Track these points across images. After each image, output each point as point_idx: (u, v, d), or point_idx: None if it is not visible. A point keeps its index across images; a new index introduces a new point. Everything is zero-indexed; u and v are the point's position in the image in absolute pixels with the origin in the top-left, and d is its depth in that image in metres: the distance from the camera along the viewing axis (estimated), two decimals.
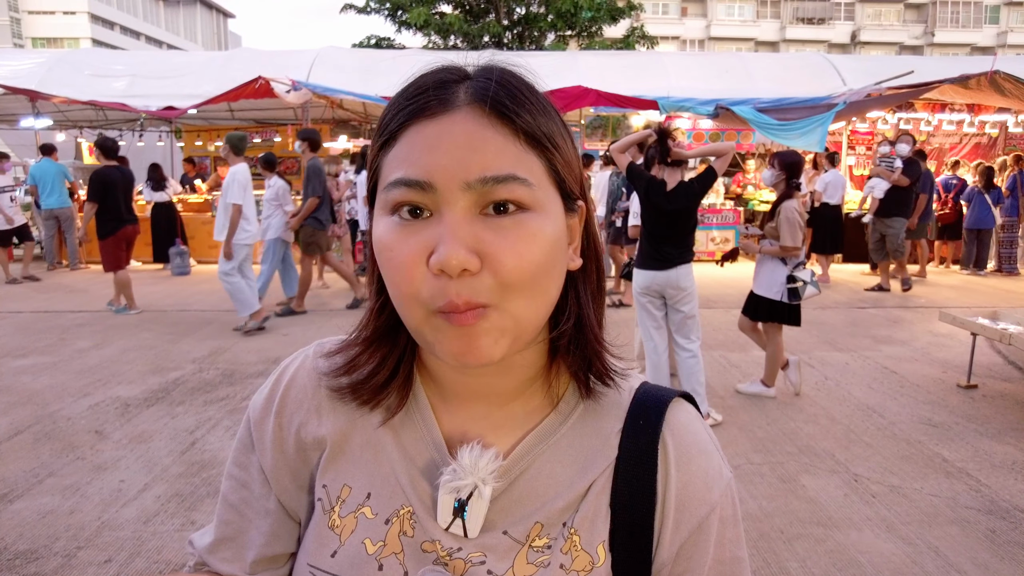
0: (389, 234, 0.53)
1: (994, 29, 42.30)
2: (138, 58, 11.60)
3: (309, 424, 0.65)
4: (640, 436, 0.61)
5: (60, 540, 2.75)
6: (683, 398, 0.65)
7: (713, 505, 0.61)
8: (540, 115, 0.55)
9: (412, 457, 0.62)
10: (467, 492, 0.59)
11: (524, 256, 0.52)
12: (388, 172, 0.54)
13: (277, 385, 0.67)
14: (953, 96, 9.43)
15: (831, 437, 3.79)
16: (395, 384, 0.63)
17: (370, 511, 0.62)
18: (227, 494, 0.68)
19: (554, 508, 0.60)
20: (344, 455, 0.64)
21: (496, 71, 0.56)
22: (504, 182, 0.51)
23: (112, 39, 48.07)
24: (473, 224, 0.51)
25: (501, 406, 0.62)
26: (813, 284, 4.15)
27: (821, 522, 2.88)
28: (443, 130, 0.52)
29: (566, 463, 0.61)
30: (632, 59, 12.69)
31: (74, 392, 4.50)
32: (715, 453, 0.63)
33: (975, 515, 2.94)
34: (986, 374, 4.91)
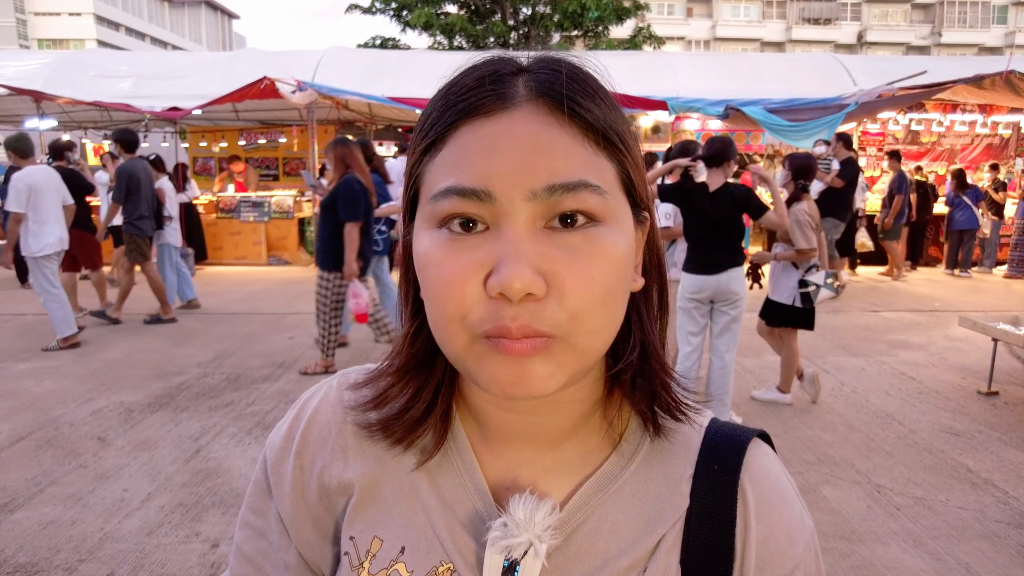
0: (437, 249, 0.46)
1: (1002, 29, 42.04)
2: (143, 59, 11.56)
3: (334, 466, 0.57)
4: (715, 483, 0.53)
5: (61, 552, 2.68)
6: (760, 438, 0.57)
7: (798, 561, 0.53)
8: (611, 111, 0.47)
9: (452, 506, 0.54)
10: (521, 551, 0.50)
11: (596, 279, 0.44)
12: (435, 180, 0.46)
13: (297, 421, 0.59)
14: (966, 96, 9.31)
15: (850, 445, 3.70)
16: (431, 420, 0.55)
17: (404, 568, 0.54)
18: (241, 544, 0.60)
19: (618, 567, 0.52)
20: (374, 503, 0.56)
21: (561, 62, 0.47)
22: (574, 190, 0.44)
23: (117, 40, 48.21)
24: (539, 240, 0.44)
25: (552, 448, 0.54)
26: (828, 287, 4.03)
27: (845, 536, 2.79)
28: (502, 130, 0.44)
29: (631, 514, 0.53)
30: (640, 59, 12.60)
31: (77, 397, 4.43)
32: (797, 501, 0.56)
33: (1005, 529, 2.84)
34: (1007, 380, 4.81)
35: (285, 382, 4.74)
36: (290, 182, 12.03)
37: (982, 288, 8.61)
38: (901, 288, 8.55)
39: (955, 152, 11.88)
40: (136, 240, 6.19)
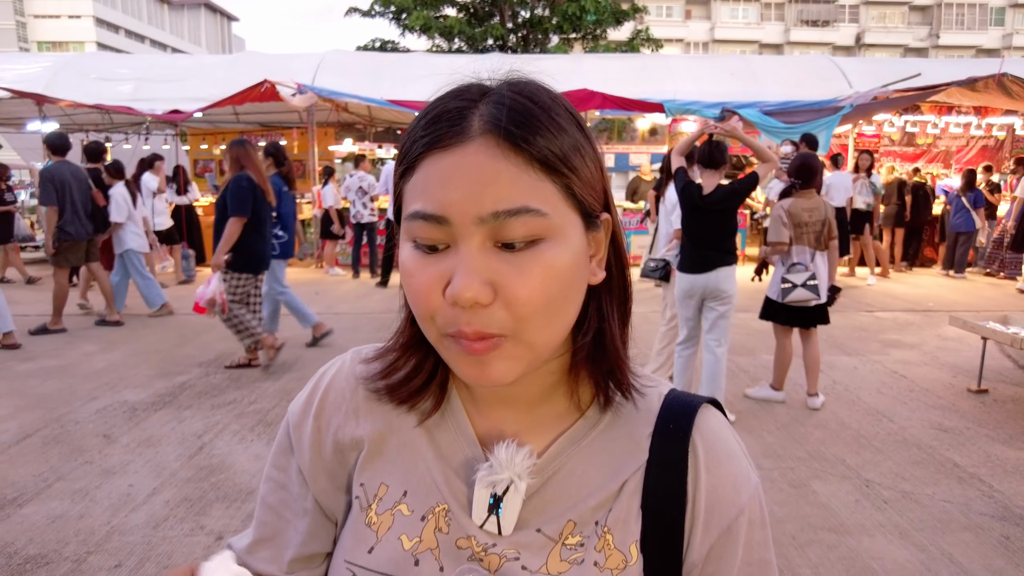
0: (411, 261, 0.55)
1: (999, 31, 42.20)
2: (144, 62, 11.65)
3: (347, 426, 0.66)
4: (670, 440, 0.62)
5: (70, 545, 2.75)
6: (711, 404, 0.66)
7: (742, 508, 0.61)
8: (555, 137, 0.54)
9: (447, 456, 0.64)
10: (503, 487, 0.60)
11: (538, 288, 0.52)
12: (408, 201, 0.55)
13: (315, 390, 0.69)
14: (960, 99, 9.41)
15: (841, 442, 3.77)
16: (431, 388, 0.65)
17: (406, 508, 0.63)
18: (265, 496, 0.70)
19: (586, 507, 0.61)
20: (381, 455, 0.65)
21: (507, 96, 0.54)
22: (517, 215, 0.51)
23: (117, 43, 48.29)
24: (488, 257, 0.52)
25: (529, 410, 0.63)
26: (808, 288, 4.10)
27: (833, 528, 2.87)
28: (456, 162, 0.52)
29: (597, 465, 0.62)
30: (637, 62, 12.69)
31: (82, 396, 4.51)
32: (743, 458, 0.64)
33: (989, 521, 2.92)
34: (997, 378, 4.89)
35: (287, 381, 4.82)
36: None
37: (976, 289, 8.69)
38: (896, 289, 8.64)
39: (950, 154, 11.97)
40: (63, 244, 6.13)
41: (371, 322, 6.68)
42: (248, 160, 4.79)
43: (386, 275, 8.89)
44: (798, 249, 4.18)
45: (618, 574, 0.59)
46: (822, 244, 4.20)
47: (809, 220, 4.17)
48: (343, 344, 5.82)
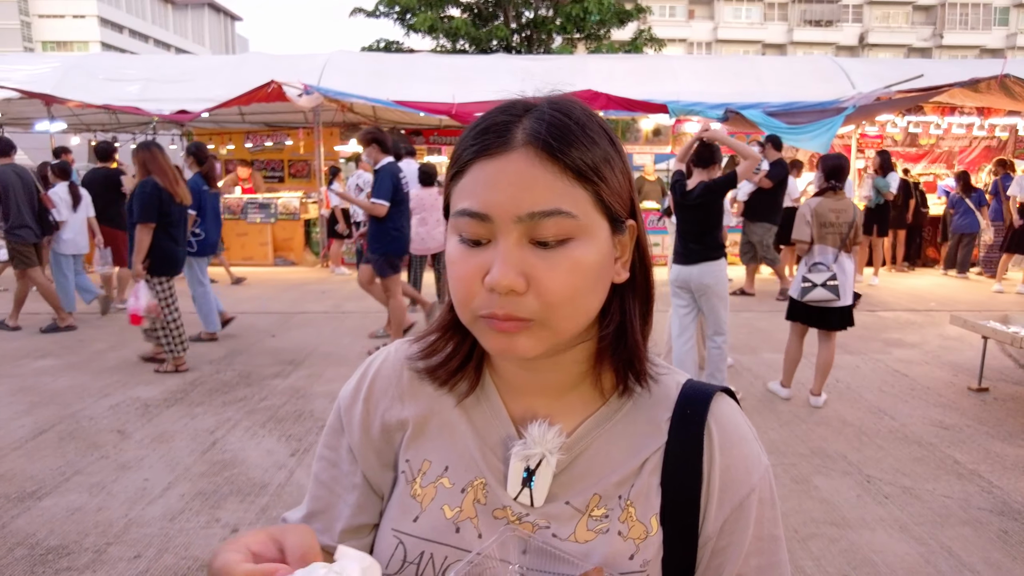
0: (456, 252, 0.63)
1: (1003, 31, 42.12)
2: (151, 62, 11.73)
3: (393, 409, 0.74)
4: (687, 424, 0.68)
5: (90, 536, 2.82)
6: (725, 392, 0.72)
7: (753, 487, 0.68)
8: (587, 150, 0.60)
9: (484, 436, 0.71)
10: (536, 461, 0.67)
11: (566, 282, 0.59)
12: (457, 200, 0.63)
13: (364, 377, 0.77)
14: (963, 99, 9.44)
15: (843, 439, 3.83)
16: (467, 371, 0.72)
17: (448, 481, 0.70)
18: (318, 473, 0.77)
19: (610, 482, 0.67)
20: (424, 435, 0.73)
21: (547, 112, 0.61)
22: (551, 216, 0.59)
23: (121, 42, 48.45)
24: (523, 251, 0.59)
25: (558, 397, 0.70)
26: (828, 288, 4.14)
27: (835, 522, 2.92)
28: (500, 168, 0.60)
29: (620, 445, 0.69)
30: (641, 62, 12.74)
31: (95, 393, 4.58)
32: (754, 442, 0.70)
33: (987, 516, 2.98)
34: (997, 377, 4.94)
35: (295, 379, 4.88)
36: (296, 184, 12.18)
37: (977, 289, 8.73)
38: (899, 288, 8.67)
39: (953, 154, 12.00)
40: (17, 248, 6.15)
41: (377, 320, 6.74)
42: (154, 164, 4.86)
43: None
44: (820, 249, 4.21)
45: (640, 543, 0.66)
46: (848, 246, 4.21)
47: (835, 221, 4.19)
48: (350, 342, 5.89)
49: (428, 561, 0.68)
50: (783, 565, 0.69)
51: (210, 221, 5.90)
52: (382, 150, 5.23)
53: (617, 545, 0.65)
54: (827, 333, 4.34)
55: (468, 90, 9.61)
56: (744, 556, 0.67)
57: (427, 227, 6.98)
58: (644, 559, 0.65)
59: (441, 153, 12.00)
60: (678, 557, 0.66)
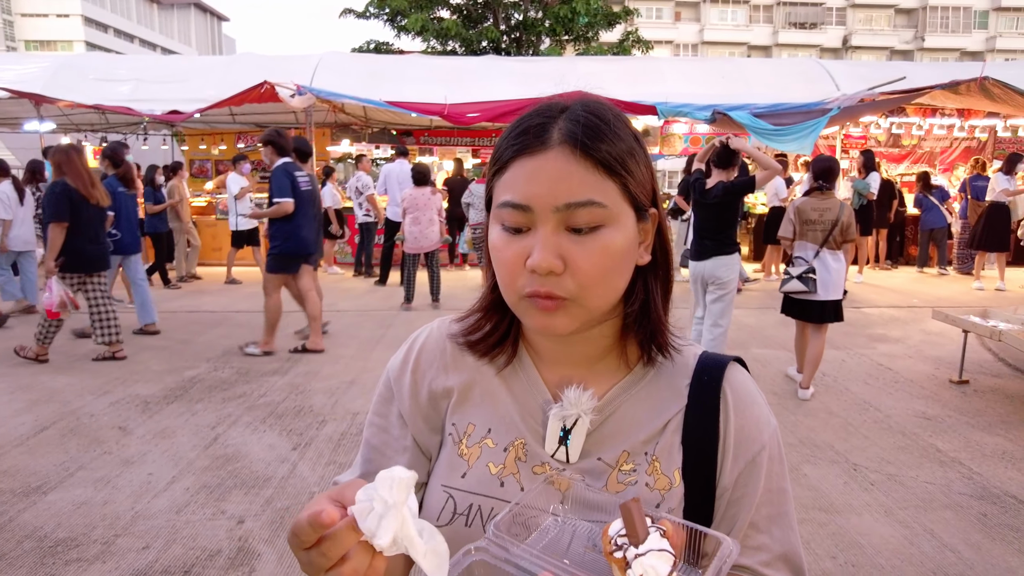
0: (499, 240, 0.71)
1: (983, 34, 42.80)
2: (142, 62, 11.70)
3: (439, 378, 0.83)
4: (705, 389, 0.77)
5: (97, 528, 2.87)
6: (737, 362, 0.81)
7: (763, 444, 0.76)
8: (616, 147, 0.69)
9: (522, 401, 0.80)
10: (572, 421, 0.75)
11: (597, 264, 0.68)
12: (499, 193, 0.71)
13: (411, 351, 0.86)
14: (944, 101, 9.64)
15: (830, 430, 3.95)
16: (506, 345, 0.81)
17: (491, 442, 0.79)
18: (370, 438, 0.86)
19: (637, 440, 0.76)
20: (468, 401, 0.82)
21: (581, 114, 0.70)
22: (584, 206, 0.67)
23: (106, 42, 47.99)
24: (560, 237, 0.68)
25: (588, 367, 0.79)
26: (802, 280, 4.34)
27: (823, 508, 3.04)
28: (540, 165, 0.68)
29: (646, 408, 0.78)
30: (630, 64, 12.87)
31: (94, 390, 4.61)
32: (764, 405, 0.79)
33: (968, 500, 3.10)
34: (977, 370, 5.09)
35: (294, 375, 4.94)
36: None
37: (958, 285, 8.92)
38: (883, 286, 8.86)
39: (935, 155, 12.23)
40: None
41: (372, 319, 6.81)
42: (69, 166, 5.01)
43: (384, 274, 9.00)
44: (801, 244, 4.43)
45: (665, 494, 0.75)
46: (833, 244, 4.36)
47: (818, 219, 4.37)
48: (346, 340, 5.95)
49: (476, 512, 0.76)
50: (790, 515, 0.78)
51: (124, 222, 6.01)
52: (277, 152, 5.30)
53: (645, 495, 0.74)
54: (817, 327, 4.48)
55: (460, 91, 9.68)
56: (756, 506, 0.75)
57: (420, 226, 7.05)
58: (669, 507, 0.74)
59: (433, 153, 12.06)
60: (698, 507, 0.75)
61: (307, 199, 5.36)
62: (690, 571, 0.65)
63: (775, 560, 0.76)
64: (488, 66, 11.56)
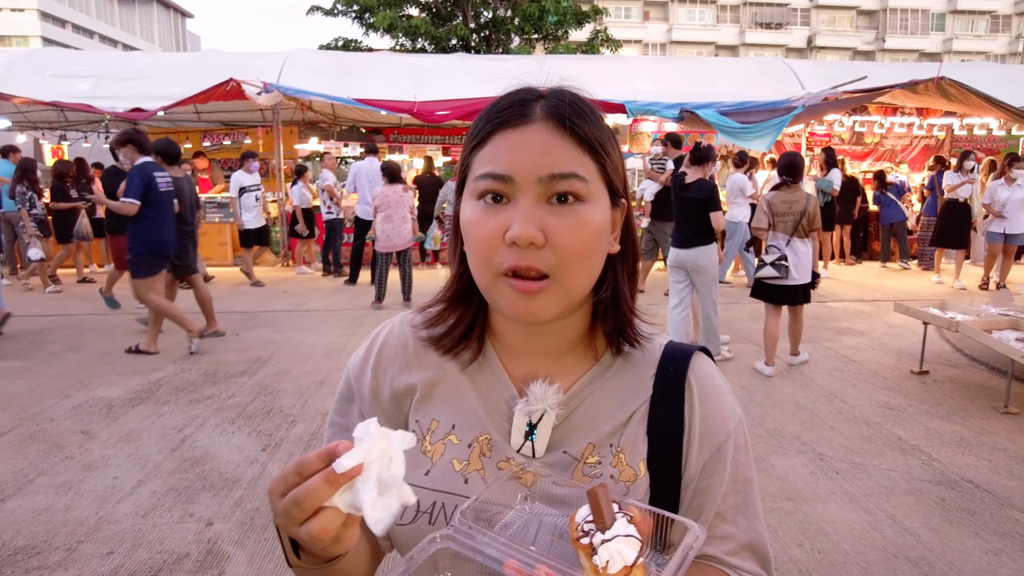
0: (475, 214, 0.69)
1: (940, 36, 44.03)
2: (103, 59, 11.39)
3: (401, 376, 0.82)
4: (670, 379, 0.77)
5: (59, 535, 2.80)
6: (702, 351, 0.82)
7: (729, 434, 0.77)
8: (597, 128, 0.70)
9: (487, 396, 0.79)
10: (537, 416, 0.75)
11: (577, 237, 0.68)
12: (478, 167, 0.70)
13: (372, 348, 0.84)
14: (904, 100, 9.90)
15: (796, 421, 4.03)
16: (470, 340, 0.80)
17: (455, 438, 0.78)
18: (331, 438, 0.84)
19: (603, 432, 0.76)
20: (432, 397, 0.80)
21: (566, 93, 0.71)
22: (567, 178, 0.67)
23: (64, 38, 46.62)
24: (541, 209, 0.67)
25: (555, 360, 0.79)
26: (775, 267, 4.79)
27: (790, 497, 3.10)
28: (523, 137, 0.68)
29: (612, 400, 0.78)
30: (598, 63, 12.95)
31: (54, 394, 4.49)
32: (729, 394, 0.80)
33: (927, 486, 3.20)
34: (937, 361, 5.24)
35: (263, 376, 4.87)
36: None
37: (921, 280, 9.17)
38: (847, 280, 9.06)
39: (896, 152, 12.56)
40: None
41: (342, 319, 6.75)
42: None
43: (354, 273, 8.92)
44: (773, 235, 4.85)
45: (630, 485, 0.74)
46: (801, 232, 4.76)
47: (787, 211, 4.79)
48: (315, 340, 5.89)
49: (440, 510, 0.75)
50: (756, 504, 0.78)
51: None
52: (138, 150, 5.26)
53: (611, 487, 0.73)
54: (793, 308, 4.98)
55: (430, 89, 9.64)
56: (722, 496, 0.75)
57: (392, 224, 6.99)
58: (635, 499, 0.73)
59: (403, 151, 11.98)
60: (664, 498, 0.75)
61: (166, 200, 5.32)
62: (657, 557, 0.65)
63: (741, 549, 0.76)
64: (457, 64, 11.52)
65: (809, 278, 4.83)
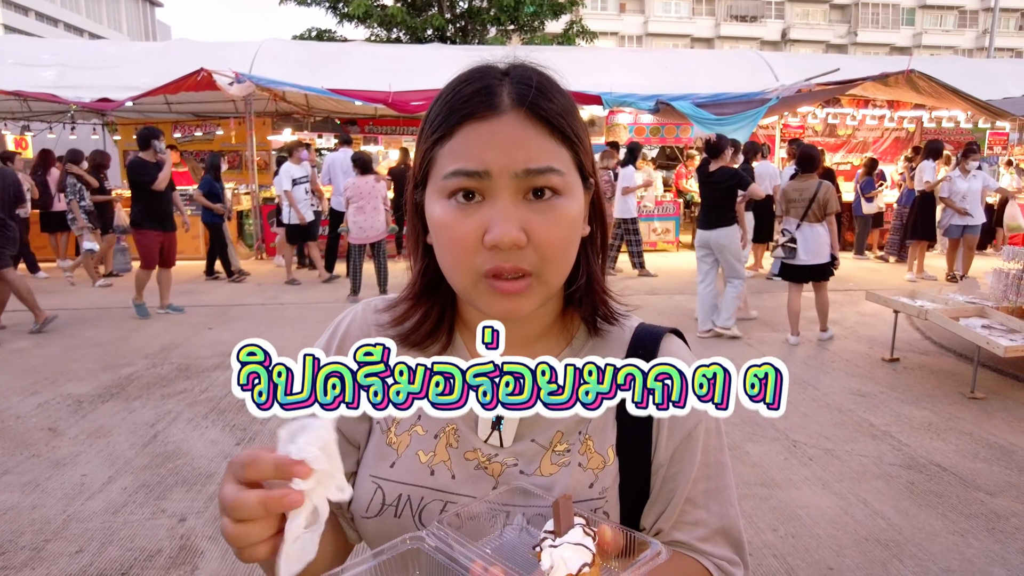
0: (447, 215, 0.65)
1: (910, 30, 44.78)
2: (68, 48, 11.09)
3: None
4: None
5: (25, 535, 2.73)
6: (673, 334, 0.80)
7: (699, 418, 0.75)
8: (569, 115, 0.67)
9: None
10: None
11: (558, 233, 0.65)
12: (445, 163, 0.65)
13: (333, 337, 0.81)
14: (875, 93, 10.05)
15: None
16: (440, 334, 0.77)
17: (421, 429, 0.75)
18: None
19: (571, 419, 0.74)
20: None
21: (534, 77, 0.67)
22: (544, 173, 0.64)
23: (26, 26, 45.28)
24: (519, 207, 0.64)
25: (525, 347, 0.76)
26: (784, 248, 5.44)
27: (764, 483, 3.14)
28: (493, 130, 0.64)
29: None
30: (575, 55, 12.94)
31: (20, 391, 4.38)
32: None
33: (897, 470, 3.26)
34: (907, 348, 5.35)
35: None
36: (228, 175, 11.77)
37: (893, 271, 9.33)
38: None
39: (868, 144, 12.75)
40: None
41: (318, 312, 6.68)
42: None
43: (330, 265, 8.83)
44: (787, 220, 5.48)
45: (599, 472, 0.72)
46: (814, 217, 5.31)
47: (798, 198, 5.37)
48: (291, 333, 5.82)
49: (405, 503, 0.73)
50: (728, 488, 0.77)
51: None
52: None
53: (578, 476, 0.72)
54: (816, 284, 5.52)
55: (405, 79, 9.55)
56: (692, 481, 0.74)
57: (364, 215, 6.93)
58: (603, 487, 0.72)
59: (378, 142, 11.86)
60: (633, 484, 0.73)
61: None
62: (611, 572, 0.63)
63: (713, 535, 0.75)
64: (433, 54, 11.43)
65: (826, 258, 5.34)
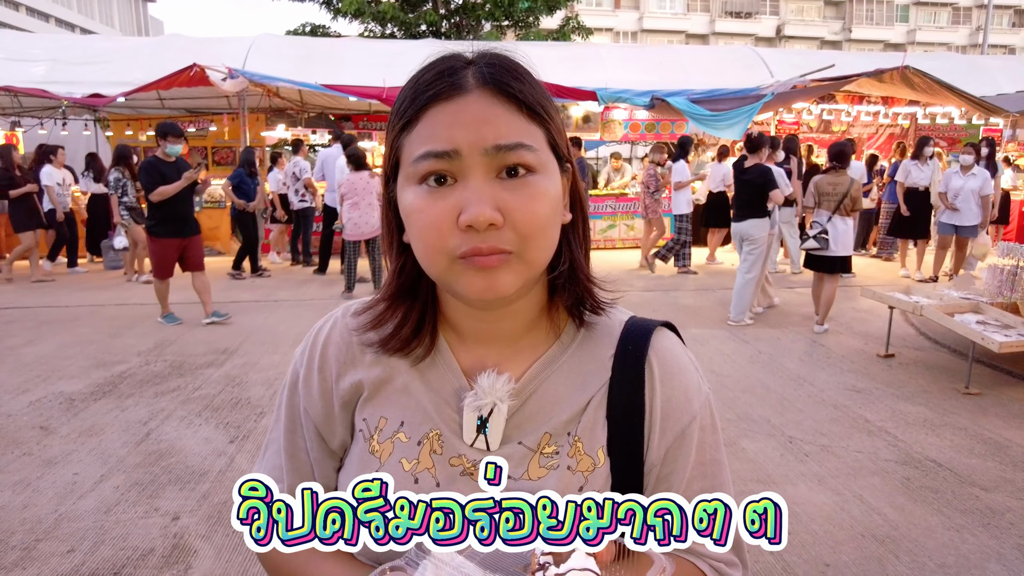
0: (419, 199, 0.63)
1: (904, 27, 44.86)
2: (59, 42, 10.99)
3: (347, 374, 0.76)
4: (629, 360, 0.73)
5: (16, 534, 2.70)
6: (665, 327, 0.77)
7: (694, 415, 0.73)
8: (535, 90, 0.65)
9: (437, 390, 0.73)
10: (487, 410, 0.70)
11: (535, 211, 0.62)
12: (413, 148, 0.64)
13: (315, 345, 0.78)
14: (870, 89, 10.05)
15: (767, 405, 4.08)
16: (423, 336, 0.74)
17: (404, 436, 0.73)
18: (276, 438, 0.81)
19: (560, 420, 0.71)
20: (379, 395, 0.75)
21: (497, 56, 0.66)
22: (514, 149, 0.62)
23: (17, 20, 44.87)
24: (492, 186, 0.62)
25: (510, 344, 0.73)
26: (816, 239, 5.54)
27: (760, 479, 3.14)
28: (459, 109, 0.62)
29: (568, 384, 0.73)
30: (570, 50, 12.91)
31: (11, 389, 4.34)
32: (694, 372, 0.75)
33: (893, 466, 3.26)
34: (902, 344, 5.36)
35: (230, 367, 4.77)
36: (221, 171, 11.71)
37: (887, 267, 9.35)
38: None
39: (862, 140, 12.77)
40: None
41: (312, 309, 6.64)
42: None
43: (324, 262, 8.79)
44: (818, 212, 5.61)
45: (588, 475, 0.70)
46: (843, 211, 5.47)
47: (831, 192, 5.54)
48: (284, 330, 5.79)
49: None
50: (725, 486, 0.74)
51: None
52: None
53: (567, 479, 0.69)
54: (830, 276, 5.60)
55: (399, 74, 9.40)
56: (687, 480, 0.71)
57: (359, 211, 6.89)
58: (593, 490, 0.69)
59: (372, 138, 11.80)
60: (626, 484, 0.70)
61: None
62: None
63: None
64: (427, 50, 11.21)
65: (851, 251, 5.57)
